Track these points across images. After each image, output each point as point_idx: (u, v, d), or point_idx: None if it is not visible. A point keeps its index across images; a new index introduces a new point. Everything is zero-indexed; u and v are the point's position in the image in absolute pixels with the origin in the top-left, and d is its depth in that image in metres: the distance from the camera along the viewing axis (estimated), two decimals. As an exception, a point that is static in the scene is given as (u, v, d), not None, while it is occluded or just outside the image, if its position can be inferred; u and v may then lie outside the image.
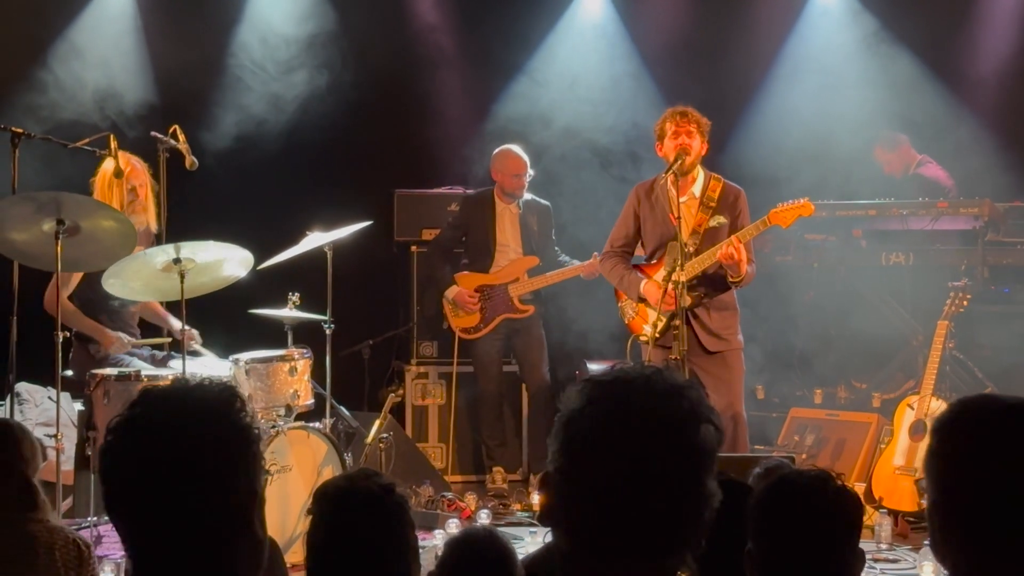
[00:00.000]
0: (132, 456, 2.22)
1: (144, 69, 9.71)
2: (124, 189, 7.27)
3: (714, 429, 2.00)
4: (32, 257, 6.52)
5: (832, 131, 9.74)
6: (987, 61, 10.12)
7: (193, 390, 2.27)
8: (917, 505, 7.40)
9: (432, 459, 9.05)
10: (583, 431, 1.99)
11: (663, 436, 1.96)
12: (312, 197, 9.28)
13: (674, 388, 2.00)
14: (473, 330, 9.06)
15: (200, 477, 2.19)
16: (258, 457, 2.28)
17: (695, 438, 1.97)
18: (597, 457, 1.96)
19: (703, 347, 7.19)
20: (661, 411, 1.97)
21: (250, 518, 2.25)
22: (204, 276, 6.77)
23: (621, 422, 1.96)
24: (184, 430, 2.21)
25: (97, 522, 6.74)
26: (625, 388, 2.00)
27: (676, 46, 10.33)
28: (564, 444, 2.01)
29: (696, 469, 1.98)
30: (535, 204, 9.05)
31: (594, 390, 2.02)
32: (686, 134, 7.13)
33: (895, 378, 9.17)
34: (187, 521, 2.19)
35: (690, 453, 1.97)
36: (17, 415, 7.18)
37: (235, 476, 2.23)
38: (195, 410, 2.24)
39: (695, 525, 1.99)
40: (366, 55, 9.95)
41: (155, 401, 2.28)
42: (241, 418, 2.26)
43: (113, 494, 2.25)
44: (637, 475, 1.94)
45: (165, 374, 6.83)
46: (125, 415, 2.26)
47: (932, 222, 8.92)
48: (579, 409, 2.01)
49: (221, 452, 2.21)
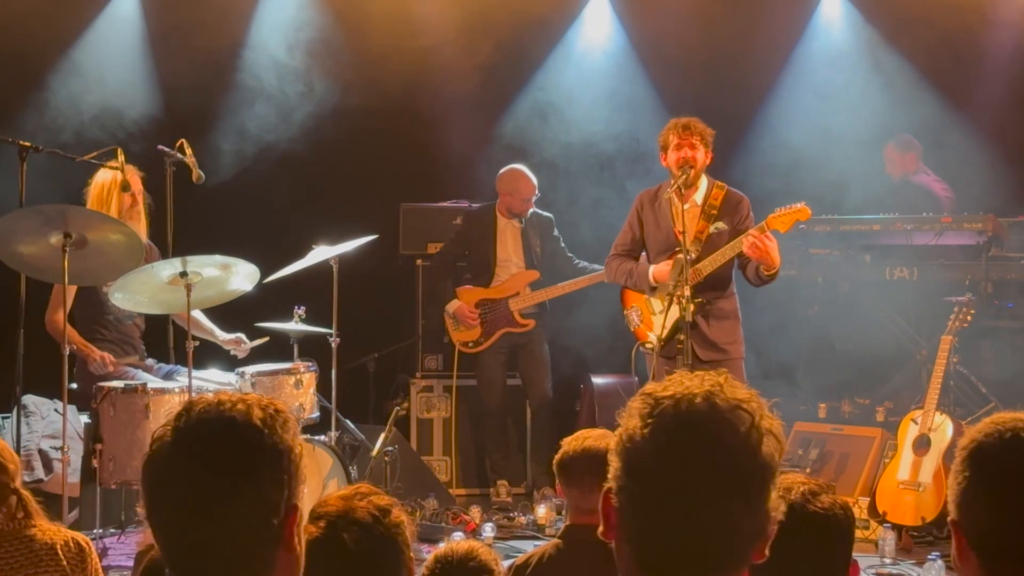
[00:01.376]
0: (174, 470, 2.23)
1: (151, 84, 9.75)
2: (124, 196, 7.29)
3: (775, 441, 2.00)
4: (39, 270, 6.55)
5: (835, 144, 9.75)
6: (991, 74, 10.12)
7: (237, 404, 2.28)
8: (920, 520, 7.41)
9: (437, 472, 9.06)
10: (645, 450, 1.97)
11: (726, 453, 1.95)
12: (318, 211, 9.31)
13: (735, 403, 1.99)
14: (473, 344, 9.08)
15: (243, 493, 2.20)
16: (299, 473, 2.29)
17: (757, 453, 1.97)
18: (660, 476, 1.96)
19: (697, 358, 7.18)
20: (723, 428, 1.96)
21: (290, 534, 2.27)
22: (210, 290, 6.80)
23: (684, 441, 1.96)
24: (228, 446, 2.22)
25: (103, 534, 6.76)
26: (686, 405, 1.98)
27: (681, 60, 10.34)
28: (626, 463, 2.00)
29: (759, 484, 1.98)
30: (536, 217, 9.08)
31: (655, 406, 2.00)
32: (689, 147, 7.14)
33: (899, 393, 9.17)
34: (228, 536, 2.21)
35: (753, 469, 1.97)
36: (24, 428, 7.20)
37: (278, 493, 2.24)
38: (239, 425, 2.25)
39: (759, 538, 1.99)
40: (373, 69, 9.97)
41: (199, 415, 2.28)
42: (284, 435, 2.27)
43: (154, 505, 2.26)
44: (701, 493, 1.94)
45: (171, 387, 6.85)
46: (170, 427, 2.28)
47: (936, 237, 8.92)
48: (640, 427, 1.99)
49: (264, 469, 2.23)
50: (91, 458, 6.65)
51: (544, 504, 8.15)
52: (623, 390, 8.96)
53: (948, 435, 7.53)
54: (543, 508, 8.09)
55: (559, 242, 9.15)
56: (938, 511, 7.34)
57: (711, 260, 7.11)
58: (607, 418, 8.44)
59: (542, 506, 8.13)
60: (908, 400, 8.71)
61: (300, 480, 2.30)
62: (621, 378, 9.12)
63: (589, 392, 9.21)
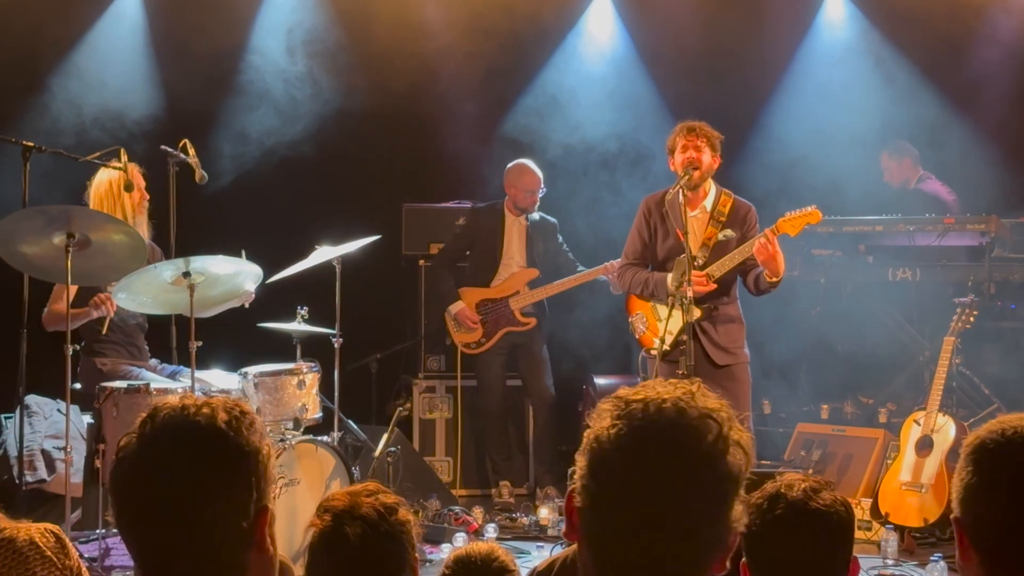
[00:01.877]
0: (141, 477, 2.23)
1: (153, 85, 9.75)
2: (134, 193, 7.28)
3: (743, 453, 1.99)
4: (43, 270, 6.55)
5: (838, 145, 9.75)
6: (992, 74, 10.12)
7: (201, 408, 2.27)
8: (923, 521, 7.40)
9: (439, 473, 9.06)
10: (611, 453, 1.97)
11: (691, 462, 1.95)
12: (321, 211, 9.31)
13: (705, 412, 1.99)
14: (475, 345, 9.09)
15: (211, 497, 2.20)
16: (267, 474, 2.28)
17: (723, 467, 1.96)
18: (624, 479, 1.96)
19: (711, 361, 7.20)
20: (690, 436, 1.96)
21: (261, 535, 2.27)
22: (213, 290, 6.80)
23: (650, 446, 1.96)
24: (193, 450, 2.22)
25: (106, 534, 6.75)
26: (655, 409, 1.98)
27: (683, 60, 10.35)
28: (591, 463, 2.00)
29: (722, 494, 1.98)
30: (543, 223, 9.11)
31: (624, 409, 2.00)
32: (694, 148, 7.15)
33: (901, 394, 9.18)
34: (197, 540, 2.20)
35: (717, 478, 1.97)
36: (27, 428, 7.20)
37: (247, 495, 2.23)
38: (204, 429, 2.24)
39: (720, 549, 1.99)
40: (376, 70, 9.97)
41: (163, 420, 2.28)
42: (251, 436, 2.27)
43: (123, 512, 2.26)
44: (663, 499, 1.94)
45: (175, 387, 6.84)
46: (134, 434, 2.27)
47: (939, 238, 8.93)
48: (607, 427, 1.99)
49: (231, 471, 2.23)
50: (94, 458, 6.63)
51: (546, 505, 8.15)
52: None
53: (951, 436, 7.53)
54: (545, 509, 8.09)
55: (562, 246, 9.16)
56: (940, 512, 7.34)
57: (720, 264, 7.11)
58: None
59: (544, 507, 8.13)
60: (911, 401, 8.72)
61: (269, 481, 2.29)
62: (624, 379, 9.12)
63: (591, 393, 9.21)
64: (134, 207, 7.30)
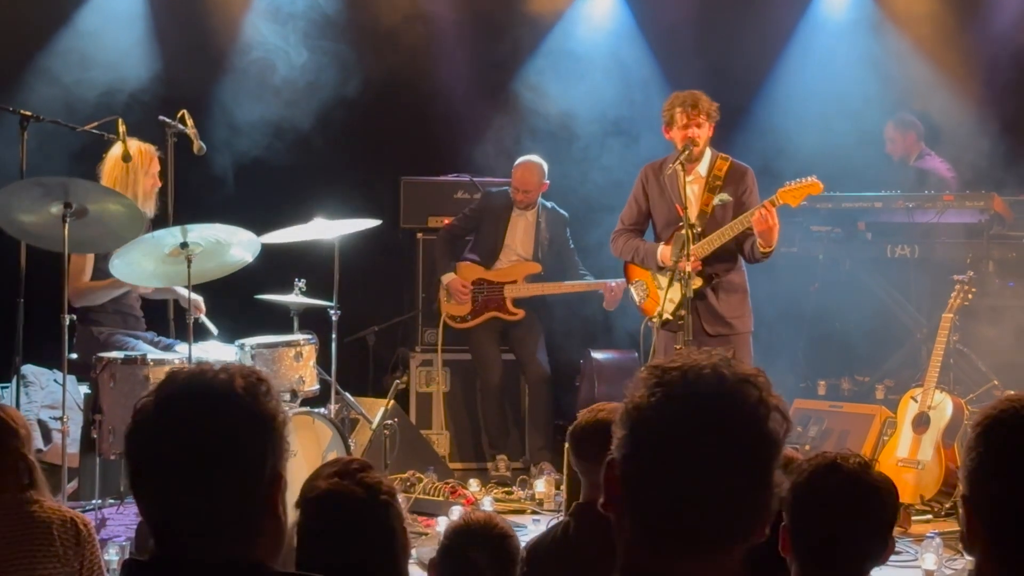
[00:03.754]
0: (158, 438, 2.23)
1: (152, 55, 9.69)
2: (141, 174, 7.25)
3: (781, 417, 1.98)
4: (40, 238, 6.53)
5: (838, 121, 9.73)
6: (994, 52, 10.09)
7: (219, 373, 2.28)
8: (919, 498, 7.42)
9: (435, 446, 9.06)
10: (651, 421, 1.96)
11: (732, 426, 1.94)
12: (319, 184, 9.29)
13: (743, 377, 1.98)
14: (460, 320, 9.10)
15: (226, 461, 2.21)
16: (283, 441, 2.29)
17: (764, 427, 1.95)
18: (666, 447, 1.94)
19: (705, 332, 7.18)
20: (730, 400, 1.95)
21: (275, 502, 2.27)
22: (211, 261, 6.78)
23: (691, 412, 1.94)
24: (210, 413, 2.22)
25: (102, 505, 6.76)
26: (694, 377, 1.97)
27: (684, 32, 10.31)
28: (631, 433, 1.98)
29: (765, 459, 1.96)
30: (554, 213, 9.10)
31: (662, 377, 1.98)
32: (696, 125, 7.14)
33: (899, 371, 9.18)
34: (212, 504, 2.20)
35: (759, 443, 1.95)
36: (23, 398, 7.20)
37: (261, 460, 2.24)
38: (221, 393, 2.25)
39: (762, 514, 1.97)
40: (375, 42, 9.94)
41: (181, 384, 2.29)
42: (267, 402, 2.27)
43: (138, 475, 2.27)
44: (706, 465, 1.92)
45: (171, 358, 6.83)
46: (151, 398, 2.27)
47: (938, 215, 8.92)
48: (646, 397, 1.97)
49: (247, 436, 2.23)
50: (90, 429, 6.64)
51: (542, 479, 8.15)
52: (623, 365, 8.96)
53: (947, 413, 7.54)
54: (541, 483, 8.09)
55: (569, 243, 9.15)
56: (937, 489, 7.35)
57: (719, 234, 7.09)
58: (607, 393, 8.43)
59: (540, 481, 8.14)
60: (908, 378, 8.71)
61: (284, 448, 2.29)
62: (621, 353, 9.12)
63: (589, 367, 9.20)
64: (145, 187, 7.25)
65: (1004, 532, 2.29)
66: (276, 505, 2.28)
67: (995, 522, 2.30)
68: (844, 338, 9.37)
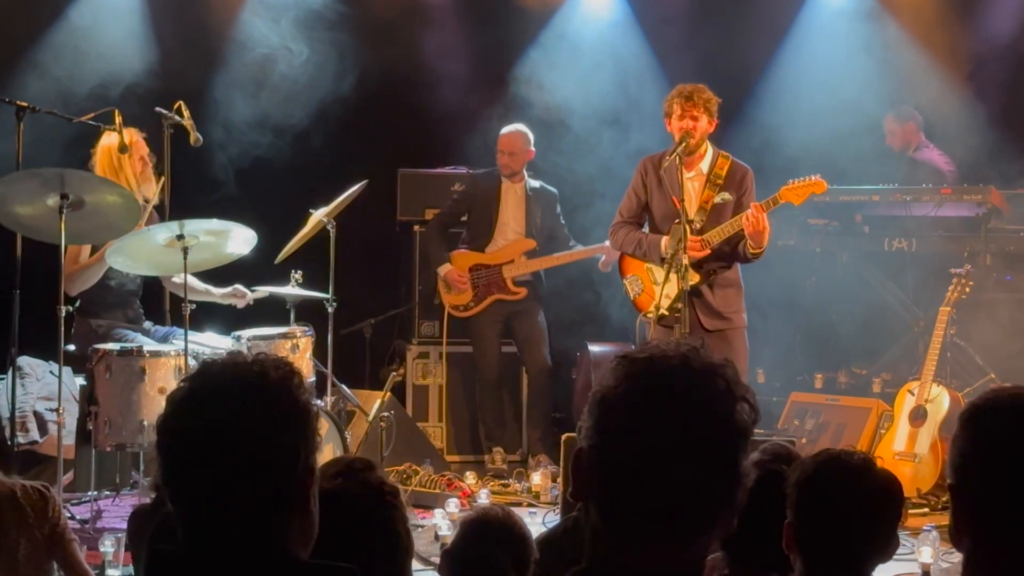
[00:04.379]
0: (192, 429, 2.22)
1: (148, 46, 9.67)
2: (134, 160, 7.23)
3: (749, 408, 1.98)
4: (36, 230, 6.52)
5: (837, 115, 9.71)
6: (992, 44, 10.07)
7: (252, 365, 2.27)
8: (916, 491, 7.42)
9: (432, 438, 9.06)
10: (618, 408, 1.96)
11: (699, 415, 1.94)
12: (315, 176, 9.28)
13: (710, 367, 1.98)
14: (463, 308, 9.08)
15: (259, 452, 2.20)
16: (315, 434, 2.28)
17: (731, 417, 1.95)
18: (632, 435, 1.94)
19: (702, 326, 7.18)
20: (697, 389, 1.95)
21: (306, 495, 2.26)
22: (207, 253, 6.78)
23: (657, 400, 1.94)
24: (245, 405, 2.21)
25: (97, 496, 6.76)
26: (661, 366, 1.97)
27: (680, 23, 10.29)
28: (598, 421, 1.98)
29: (731, 449, 1.96)
30: (543, 191, 9.08)
31: (630, 367, 1.99)
32: (691, 118, 7.12)
33: (896, 364, 9.18)
34: (244, 496, 2.19)
35: (726, 432, 1.95)
36: (19, 389, 7.19)
37: (294, 452, 2.23)
38: (255, 384, 2.24)
39: (728, 505, 1.97)
40: (371, 34, 9.92)
41: (215, 374, 2.28)
42: (300, 394, 2.26)
43: (169, 465, 2.25)
44: (672, 454, 1.92)
45: (168, 350, 6.83)
46: (186, 387, 2.27)
47: (935, 208, 8.91)
48: (614, 386, 1.97)
49: (281, 428, 2.22)
50: (86, 420, 6.64)
51: (539, 471, 8.15)
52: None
53: (944, 407, 7.54)
54: (538, 475, 8.09)
55: (559, 219, 9.13)
56: (934, 482, 7.35)
57: (718, 232, 7.08)
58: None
59: (537, 473, 8.13)
60: (905, 371, 8.72)
61: (316, 441, 2.28)
62: (618, 346, 9.11)
63: (586, 360, 9.20)
64: (135, 172, 7.24)
65: (990, 521, 2.30)
66: (308, 498, 2.28)
67: (982, 511, 2.32)
68: (841, 331, 9.37)
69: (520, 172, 8.97)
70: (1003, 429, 2.32)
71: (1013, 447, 2.30)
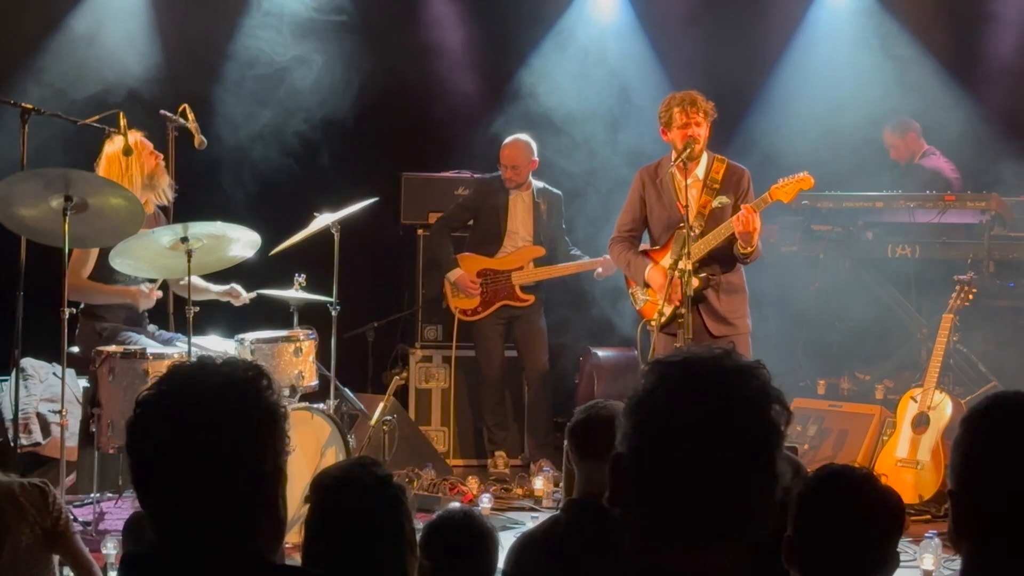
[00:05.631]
0: (161, 430, 2.25)
1: (153, 50, 9.68)
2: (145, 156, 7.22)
3: (781, 408, 2.00)
4: (39, 233, 6.52)
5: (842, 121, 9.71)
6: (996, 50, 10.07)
7: (221, 367, 2.30)
8: (918, 498, 7.42)
9: (434, 442, 9.06)
10: (656, 411, 1.97)
11: (736, 413, 1.95)
12: (320, 179, 9.29)
13: (744, 367, 2.00)
14: (471, 312, 9.08)
15: (228, 453, 2.22)
16: (284, 435, 2.30)
17: (767, 415, 1.97)
18: (671, 436, 1.95)
19: (708, 332, 7.19)
20: (733, 389, 1.97)
21: (275, 495, 2.27)
22: (211, 256, 6.78)
23: (695, 401, 1.95)
24: (213, 406, 2.24)
25: (100, 498, 6.76)
26: (697, 368, 1.99)
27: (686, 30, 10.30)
28: (637, 425, 1.99)
29: (768, 446, 1.97)
30: (547, 193, 9.08)
31: (664, 370, 2.00)
32: (695, 124, 7.13)
33: (899, 370, 9.17)
34: (213, 496, 2.21)
35: (763, 430, 1.97)
36: (22, 391, 7.19)
37: (263, 453, 2.25)
38: (224, 386, 2.26)
39: (765, 504, 1.98)
40: (376, 38, 9.93)
41: (184, 377, 2.31)
42: (268, 395, 2.28)
43: (139, 467, 2.28)
44: (712, 453, 1.93)
45: (171, 352, 6.83)
46: (154, 390, 2.29)
47: (939, 215, 8.90)
48: (651, 390, 1.99)
49: (249, 429, 2.24)
50: (89, 422, 6.64)
51: (541, 476, 8.15)
52: (623, 363, 8.95)
53: (947, 413, 7.54)
54: (540, 480, 8.09)
55: (562, 223, 9.13)
56: (936, 489, 7.35)
57: (714, 234, 7.10)
58: (607, 391, 8.45)
59: (539, 478, 8.14)
60: (908, 378, 8.70)
61: (285, 442, 2.30)
62: (622, 351, 9.12)
63: (589, 365, 9.20)
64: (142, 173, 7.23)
65: (990, 526, 2.32)
66: (276, 499, 2.29)
67: (982, 515, 2.32)
68: (844, 338, 9.36)
69: (526, 181, 8.97)
70: (1004, 433, 2.33)
71: (1014, 451, 2.31)
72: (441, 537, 3.66)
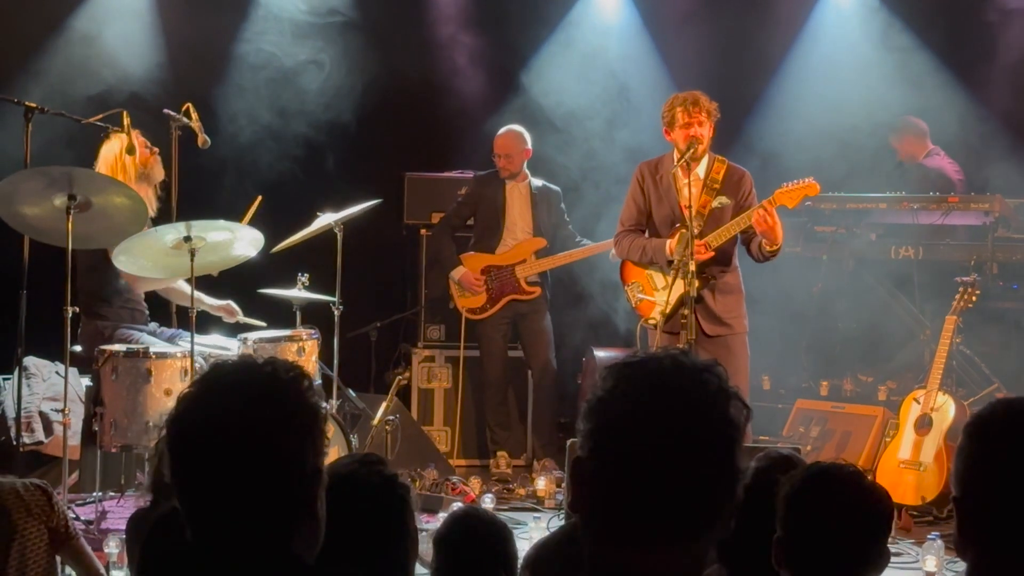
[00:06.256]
0: (201, 429, 2.23)
1: (157, 49, 9.68)
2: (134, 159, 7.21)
3: (741, 404, 1.99)
4: (43, 232, 6.52)
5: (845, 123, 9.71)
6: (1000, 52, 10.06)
7: (264, 367, 2.28)
8: (921, 499, 7.41)
9: (437, 442, 9.06)
10: (615, 412, 1.96)
11: (694, 412, 1.95)
12: (323, 179, 9.30)
13: (702, 366, 2.00)
14: (479, 310, 9.07)
15: (270, 454, 2.21)
16: (323, 436, 2.30)
17: (726, 412, 1.96)
18: (630, 437, 1.94)
19: (703, 332, 7.18)
20: (691, 388, 1.96)
21: (314, 497, 2.27)
22: (214, 255, 6.78)
23: (653, 401, 1.95)
24: (254, 407, 2.23)
25: (102, 497, 6.76)
26: (652, 367, 1.98)
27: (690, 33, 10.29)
28: (595, 428, 1.98)
29: (729, 444, 1.96)
30: (546, 190, 9.07)
31: (621, 371, 2.00)
32: (698, 124, 7.11)
33: (902, 372, 9.16)
34: (253, 497, 2.21)
35: (723, 427, 1.96)
36: (25, 389, 7.20)
37: (303, 454, 2.25)
38: (266, 387, 2.25)
39: (728, 503, 1.98)
40: (379, 38, 9.93)
41: (226, 376, 2.30)
42: (309, 396, 2.28)
43: (178, 464, 2.27)
44: (671, 452, 1.93)
45: (174, 351, 6.83)
46: (197, 387, 2.28)
47: (942, 217, 8.90)
48: (609, 391, 1.98)
49: (291, 430, 2.23)
50: (92, 421, 6.64)
51: (544, 476, 8.14)
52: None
53: (950, 415, 7.53)
54: (543, 480, 8.08)
55: (563, 215, 9.13)
56: (939, 491, 7.34)
57: (719, 234, 7.08)
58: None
59: (542, 478, 8.13)
60: (911, 380, 8.70)
61: (324, 443, 2.30)
62: (624, 351, 9.10)
63: (592, 365, 9.20)
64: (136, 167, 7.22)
65: (995, 534, 2.30)
66: (315, 500, 2.28)
67: (987, 523, 2.31)
68: (847, 339, 9.35)
69: (521, 171, 8.97)
70: (1008, 441, 2.32)
71: (1017, 459, 2.30)
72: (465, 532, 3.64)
